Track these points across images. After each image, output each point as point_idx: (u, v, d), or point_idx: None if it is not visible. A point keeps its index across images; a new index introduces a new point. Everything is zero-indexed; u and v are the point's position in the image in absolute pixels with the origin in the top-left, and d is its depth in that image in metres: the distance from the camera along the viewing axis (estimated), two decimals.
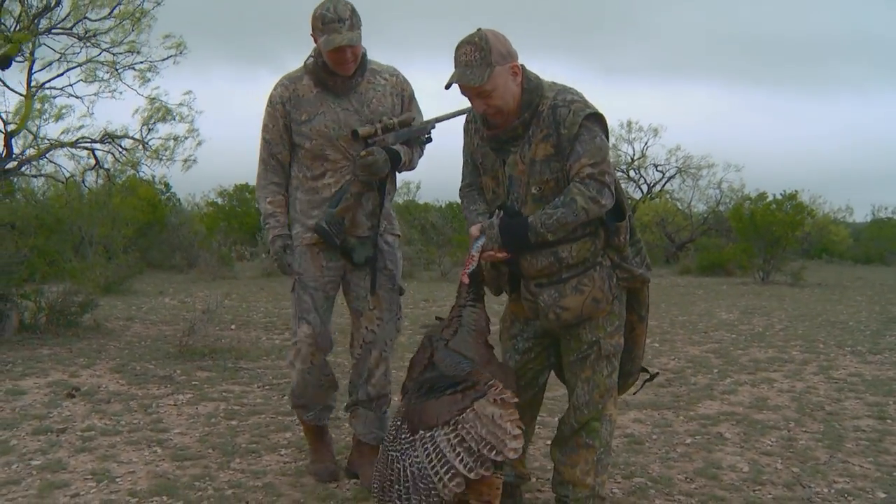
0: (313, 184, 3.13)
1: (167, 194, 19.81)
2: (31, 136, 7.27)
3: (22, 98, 6.89)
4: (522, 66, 2.68)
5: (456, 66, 2.60)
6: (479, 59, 2.55)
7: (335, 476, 3.24)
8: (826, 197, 37.19)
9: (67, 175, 8.54)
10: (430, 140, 3.24)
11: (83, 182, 8.73)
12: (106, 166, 8.34)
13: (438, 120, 3.17)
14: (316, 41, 3.03)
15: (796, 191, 17.66)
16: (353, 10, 2.96)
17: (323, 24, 2.92)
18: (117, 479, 3.22)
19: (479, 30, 2.61)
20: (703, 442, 3.89)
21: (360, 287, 3.23)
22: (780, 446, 3.82)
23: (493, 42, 2.58)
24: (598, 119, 2.63)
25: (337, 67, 3.03)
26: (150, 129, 7.58)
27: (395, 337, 3.34)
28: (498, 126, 2.67)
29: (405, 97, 3.23)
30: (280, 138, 3.13)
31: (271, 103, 3.14)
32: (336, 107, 3.09)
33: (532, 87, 2.65)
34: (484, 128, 2.73)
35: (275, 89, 3.14)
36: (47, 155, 7.58)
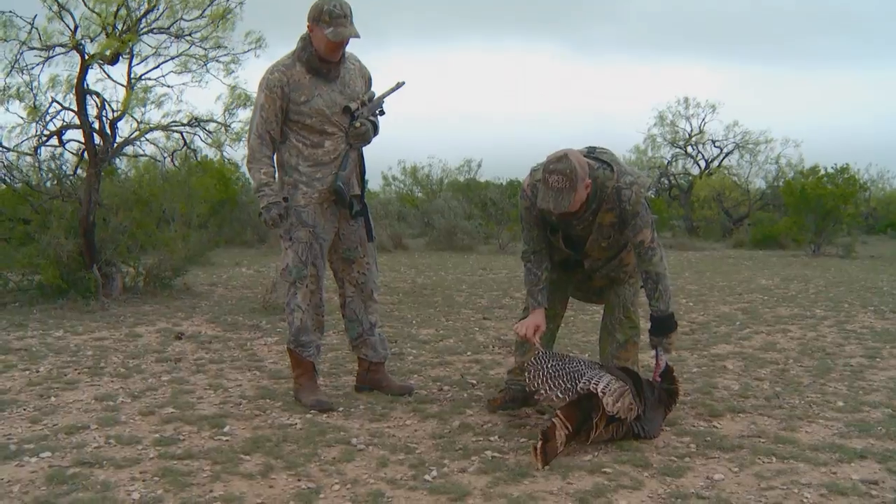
0: (314, 151, 3.70)
1: (238, 174, 20.91)
2: (134, 123, 8.24)
3: (124, 88, 7.86)
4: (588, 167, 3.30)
5: (547, 189, 3.22)
6: (567, 187, 3.18)
7: (332, 406, 3.70)
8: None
9: (164, 155, 9.52)
10: (383, 113, 3.94)
11: (173, 161, 9.71)
12: (193, 147, 9.29)
13: (384, 96, 3.93)
14: (313, 31, 3.62)
15: (847, 164, 17.87)
16: (350, 7, 3.69)
17: (331, 18, 3.60)
18: (230, 389, 4.12)
19: (566, 157, 3.21)
20: (707, 371, 4.62)
21: (352, 238, 3.87)
22: (772, 374, 4.53)
23: (578, 169, 3.19)
24: (645, 195, 3.45)
25: (331, 55, 3.65)
26: (231, 114, 8.48)
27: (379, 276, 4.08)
28: (566, 215, 3.38)
29: (366, 78, 3.97)
30: (275, 117, 3.65)
31: (269, 87, 3.65)
32: (328, 89, 3.70)
33: (597, 185, 3.37)
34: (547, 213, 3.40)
35: (271, 75, 3.66)
36: (146, 136, 8.54)
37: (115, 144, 8.48)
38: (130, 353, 4.99)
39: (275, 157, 3.81)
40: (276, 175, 3.79)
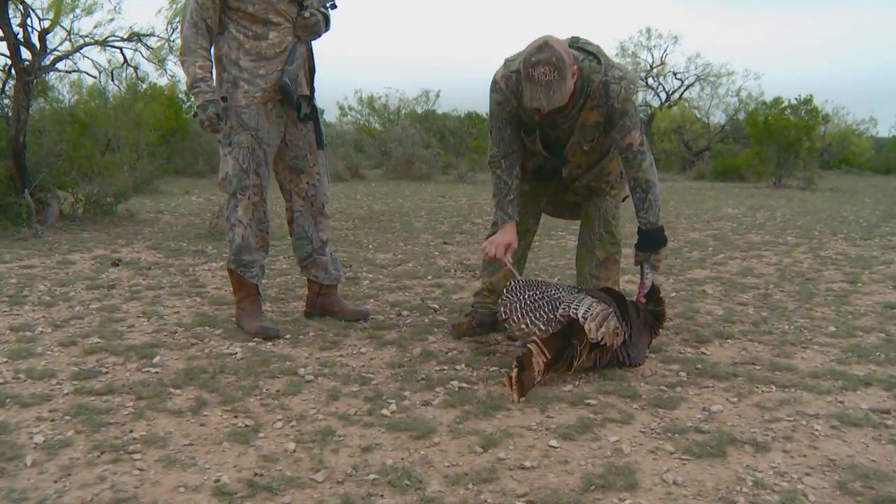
0: (256, 44, 3.25)
1: (189, 103, 20.11)
2: (65, 33, 7.56)
3: None
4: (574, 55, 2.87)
5: (533, 85, 2.77)
6: (557, 78, 2.75)
7: (278, 333, 3.31)
8: (849, 108, 36.80)
9: (100, 70, 8.83)
10: (335, 6, 3.49)
11: (112, 79, 9.03)
12: (134, 64, 8.62)
13: None
14: None
15: (811, 95, 17.67)
16: None
17: None
18: (165, 317, 3.69)
19: (548, 44, 2.77)
20: (686, 296, 4.31)
21: (300, 145, 3.43)
22: (755, 299, 4.24)
23: (564, 56, 2.76)
24: (635, 92, 3.02)
25: None
26: (173, 28, 7.85)
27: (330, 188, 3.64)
28: (553, 113, 2.94)
29: None
30: (212, 3, 3.21)
31: None
32: None
33: (583, 77, 2.93)
34: (535, 111, 2.95)
35: None
36: (82, 52, 7.87)
37: (48, 59, 7.83)
38: (59, 281, 4.52)
39: (212, 50, 3.32)
40: (214, 71, 3.30)
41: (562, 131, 3.07)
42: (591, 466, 2.05)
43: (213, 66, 3.30)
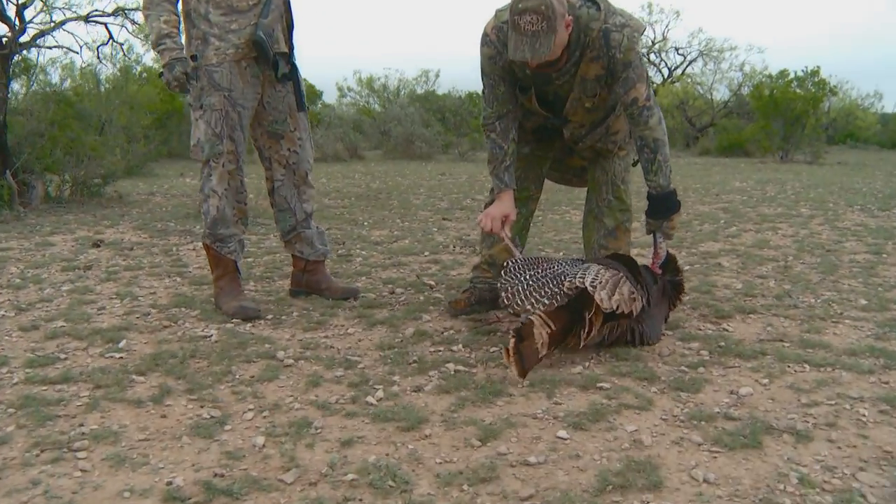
0: None
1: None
2: (41, 5, 7.24)
3: None
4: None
5: (519, 35, 2.49)
6: (545, 28, 2.48)
7: (259, 313, 3.02)
8: (854, 83, 36.34)
9: (81, 45, 8.51)
10: None
11: (98, 57, 8.70)
12: (120, 41, 8.30)
13: None
14: None
15: (818, 66, 17.26)
16: None
17: None
18: (140, 298, 3.41)
19: None
20: (701, 269, 4.02)
21: (279, 108, 3.13)
22: (774, 271, 3.94)
23: (555, 4, 2.48)
24: (639, 41, 2.69)
25: None
26: None
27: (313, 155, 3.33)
28: (545, 67, 2.64)
29: None
30: None
31: None
32: None
33: (580, 28, 2.62)
34: (523, 65, 2.67)
35: None
36: (63, 27, 7.55)
37: (27, 35, 7.52)
38: (34, 263, 4.23)
39: (179, 4, 3.01)
40: (182, 27, 3.01)
41: (559, 87, 2.77)
42: (606, 462, 1.77)
43: (181, 22, 3.00)
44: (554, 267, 2.61)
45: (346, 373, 2.36)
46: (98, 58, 8.96)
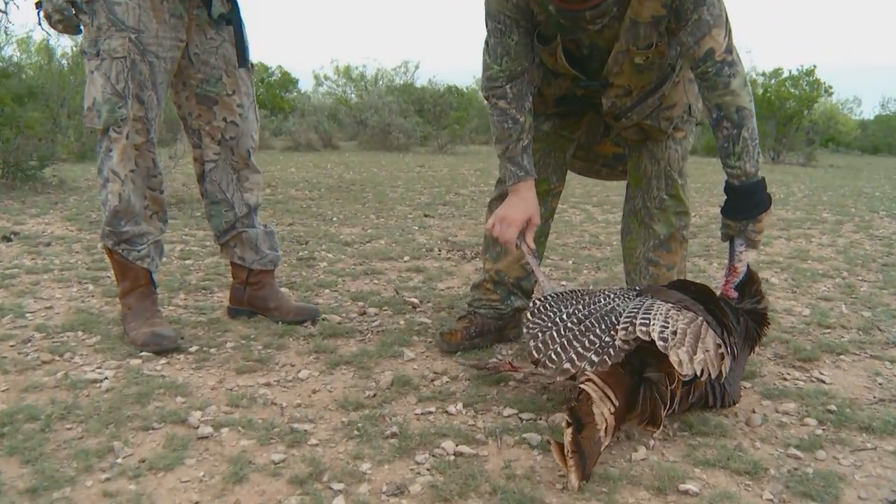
0: None
1: None
2: None
3: None
4: None
5: None
6: None
7: (177, 343, 2.21)
8: (834, 87, 36.05)
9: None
10: None
11: (40, 24, 7.76)
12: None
13: None
14: None
15: (814, 65, 16.68)
16: None
17: None
18: (27, 315, 2.56)
19: None
20: None
21: (212, 63, 2.32)
22: (839, 292, 3.18)
23: None
24: None
25: None
26: None
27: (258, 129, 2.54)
28: (581, 3, 1.84)
29: None
30: None
31: None
32: None
33: None
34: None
35: None
36: None
37: None
38: None
39: None
40: None
41: (598, 34, 1.97)
42: None
43: None
44: (599, 301, 1.82)
45: (288, 455, 1.54)
46: (41, 25, 7.97)
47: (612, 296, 1.86)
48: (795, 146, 15.84)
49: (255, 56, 2.56)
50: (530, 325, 1.76)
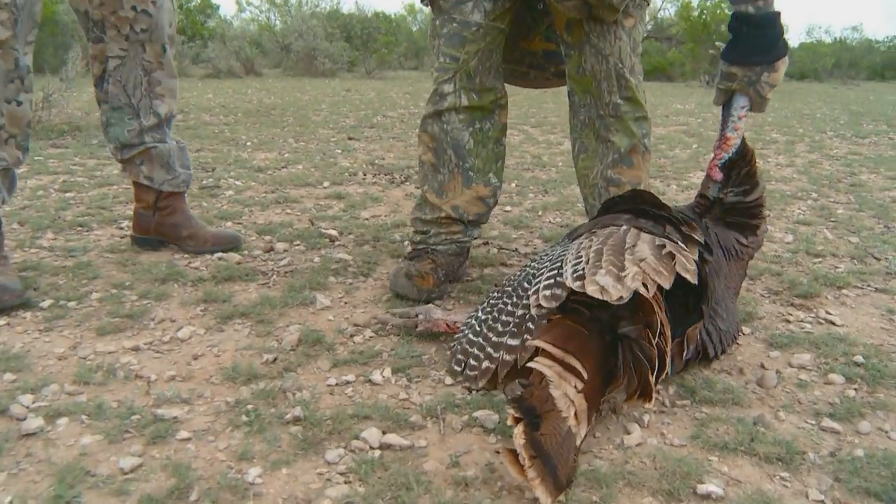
0: None
1: None
2: None
3: None
4: None
5: None
6: None
7: (22, 296, 1.68)
8: None
9: None
10: None
11: None
12: None
13: None
14: None
15: None
16: None
17: None
18: None
19: None
20: None
21: None
22: (815, 215, 2.84)
23: None
24: None
25: None
26: None
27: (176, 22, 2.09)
28: None
29: None
30: None
31: None
32: None
33: None
34: None
35: None
36: None
37: None
38: None
39: None
40: None
41: None
42: None
43: None
44: (517, 275, 1.42)
45: (145, 458, 1.08)
46: None
47: (532, 262, 1.44)
48: None
49: None
50: (452, 346, 1.37)
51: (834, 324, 1.68)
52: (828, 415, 1.24)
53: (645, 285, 1.15)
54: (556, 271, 1.26)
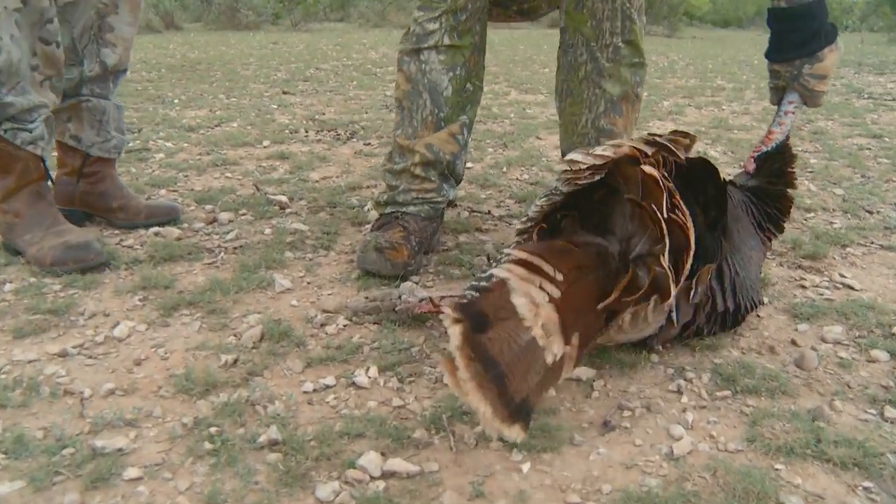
0: None
1: None
2: None
3: None
4: None
5: None
6: None
7: (103, 255, 1.56)
8: None
9: None
10: None
11: None
12: None
13: None
14: None
15: None
16: None
17: None
18: None
19: None
20: None
21: None
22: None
23: None
24: None
25: None
26: None
27: None
28: None
29: None
30: None
31: None
32: None
33: None
34: None
35: None
36: None
37: None
38: None
39: None
40: None
41: None
42: None
43: None
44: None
45: (72, 463, 0.86)
46: None
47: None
48: (659, 17, 15.68)
49: None
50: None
51: (853, 288, 1.52)
52: (887, 401, 1.08)
53: (635, 156, 1.00)
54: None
